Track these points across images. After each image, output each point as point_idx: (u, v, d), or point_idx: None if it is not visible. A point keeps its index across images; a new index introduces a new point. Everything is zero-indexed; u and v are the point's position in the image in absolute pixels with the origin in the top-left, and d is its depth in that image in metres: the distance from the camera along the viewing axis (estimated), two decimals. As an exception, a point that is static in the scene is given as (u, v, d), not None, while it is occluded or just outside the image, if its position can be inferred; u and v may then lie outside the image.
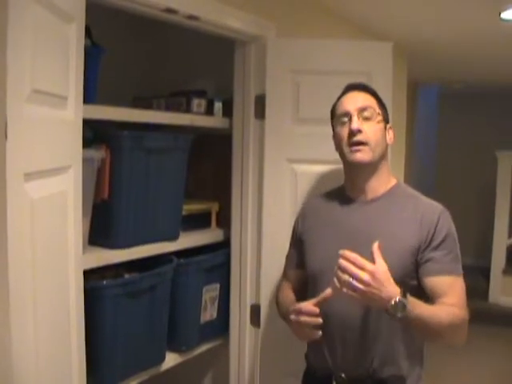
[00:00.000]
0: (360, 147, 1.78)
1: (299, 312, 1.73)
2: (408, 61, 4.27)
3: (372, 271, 1.55)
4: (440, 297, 1.72)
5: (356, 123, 1.78)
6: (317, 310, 1.70)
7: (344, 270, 1.57)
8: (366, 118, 1.80)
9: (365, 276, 1.55)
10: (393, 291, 1.57)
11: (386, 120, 1.87)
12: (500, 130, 7.08)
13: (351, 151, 1.80)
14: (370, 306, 1.66)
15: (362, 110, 1.81)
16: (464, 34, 3.65)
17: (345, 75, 2.26)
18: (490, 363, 4.59)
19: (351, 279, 1.56)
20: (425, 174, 7.05)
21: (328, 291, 1.70)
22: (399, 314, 1.57)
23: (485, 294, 6.05)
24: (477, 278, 6.39)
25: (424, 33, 3.65)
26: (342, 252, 1.58)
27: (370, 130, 1.79)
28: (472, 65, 4.90)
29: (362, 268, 1.56)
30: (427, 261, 1.74)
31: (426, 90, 6.96)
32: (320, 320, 1.70)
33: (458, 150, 7.59)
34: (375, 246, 1.61)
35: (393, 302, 1.56)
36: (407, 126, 4.58)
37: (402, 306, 1.57)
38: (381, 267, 1.58)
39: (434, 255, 1.74)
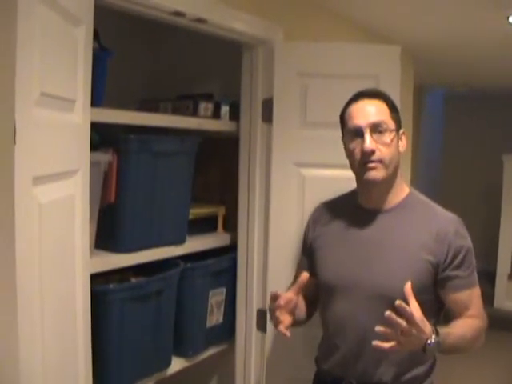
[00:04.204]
0: (374, 164, 1.72)
1: (276, 297, 1.72)
2: (414, 64, 4.26)
3: (417, 324, 1.51)
4: (462, 311, 1.75)
5: (369, 143, 1.71)
6: (292, 297, 1.72)
7: (397, 326, 1.51)
8: (379, 132, 1.73)
9: (414, 330, 1.51)
10: (428, 332, 1.55)
11: (398, 127, 1.80)
12: (506, 134, 7.05)
13: (365, 169, 1.74)
14: (406, 350, 1.60)
15: (374, 125, 1.73)
16: (471, 38, 3.63)
17: (353, 79, 2.26)
18: (496, 368, 4.57)
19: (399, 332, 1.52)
20: (430, 177, 7.03)
21: (304, 275, 1.72)
22: (435, 352, 1.58)
23: (490, 299, 6.01)
24: (482, 283, 6.32)
25: (430, 36, 3.63)
26: (398, 303, 1.50)
27: (384, 148, 1.73)
28: (478, 68, 4.89)
29: (413, 324, 1.51)
30: (451, 279, 1.74)
31: (432, 93, 6.94)
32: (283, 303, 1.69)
33: (463, 153, 7.56)
34: (408, 286, 1.56)
35: (429, 345, 1.55)
36: (413, 130, 4.57)
37: (437, 344, 1.56)
38: (419, 313, 1.53)
39: (457, 274, 1.74)
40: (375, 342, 1.53)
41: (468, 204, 6.96)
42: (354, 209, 1.89)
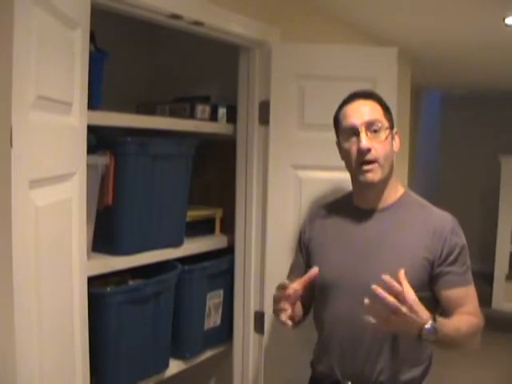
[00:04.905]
0: (370, 166, 1.74)
1: (284, 286, 1.72)
2: (411, 66, 4.27)
3: (409, 302, 1.52)
4: (457, 307, 1.75)
5: (365, 141, 1.73)
6: (298, 289, 1.70)
7: (386, 303, 1.51)
8: (374, 131, 1.76)
9: (404, 308, 1.52)
10: (425, 317, 1.56)
11: (392, 126, 1.83)
12: (503, 135, 7.07)
13: (361, 171, 1.76)
14: (402, 332, 1.60)
15: (369, 124, 1.76)
16: (468, 40, 3.64)
17: (350, 81, 2.26)
18: (494, 369, 4.56)
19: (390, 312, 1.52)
20: (427, 179, 7.04)
21: (314, 270, 1.72)
22: (432, 338, 1.57)
23: (488, 299, 6.02)
24: (480, 284, 6.33)
25: (427, 38, 3.64)
26: (384, 277, 1.52)
27: (379, 146, 1.75)
28: (475, 70, 4.89)
29: (403, 301, 1.52)
30: (444, 275, 1.75)
31: (429, 95, 6.95)
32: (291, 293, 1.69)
33: (461, 154, 7.58)
34: (402, 273, 1.56)
35: (426, 329, 1.55)
36: (410, 132, 4.57)
37: (434, 330, 1.56)
38: (412, 294, 1.54)
39: (450, 270, 1.75)
40: (365, 317, 1.53)
41: (466, 205, 6.98)
42: (350, 209, 1.90)
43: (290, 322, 1.70)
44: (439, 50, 4.04)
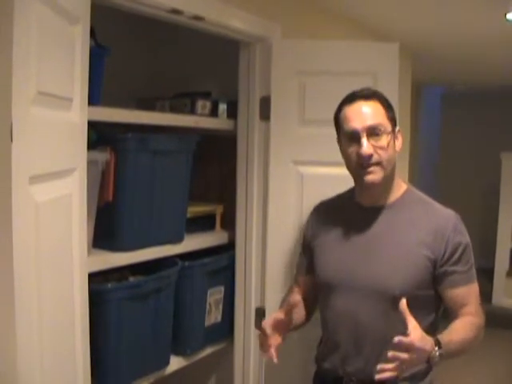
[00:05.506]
0: (371, 168, 1.71)
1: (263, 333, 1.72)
2: (412, 62, 4.26)
3: (418, 347, 1.49)
4: (460, 307, 1.74)
5: (367, 148, 1.69)
6: (281, 319, 1.71)
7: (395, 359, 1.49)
8: (376, 135, 1.71)
9: (415, 355, 1.49)
10: (429, 348, 1.54)
11: (394, 125, 1.79)
12: (504, 132, 7.05)
13: (363, 173, 1.72)
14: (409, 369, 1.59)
15: (370, 129, 1.71)
16: (469, 35, 3.63)
17: (351, 76, 2.25)
18: (493, 365, 4.57)
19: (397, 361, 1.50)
20: (428, 176, 7.03)
21: (295, 299, 1.75)
22: (437, 361, 1.57)
23: (488, 296, 6.02)
24: (480, 280, 6.32)
25: (428, 34, 3.63)
26: (397, 340, 1.48)
27: (381, 151, 1.71)
28: (476, 66, 4.88)
29: (412, 350, 1.49)
30: (449, 275, 1.73)
31: (430, 91, 6.93)
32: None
33: (461, 151, 7.57)
34: (403, 303, 1.54)
35: (434, 358, 1.55)
36: (411, 128, 4.57)
37: (440, 355, 1.56)
38: (418, 333, 1.51)
39: (454, 269, 1.73)
40: (378, 377, 1.51)
41: (466, 202, 6.95)
42: (353, 206, 1.88)
43: (275, 360, 1.70)
44: (440, 46, 4.03)
